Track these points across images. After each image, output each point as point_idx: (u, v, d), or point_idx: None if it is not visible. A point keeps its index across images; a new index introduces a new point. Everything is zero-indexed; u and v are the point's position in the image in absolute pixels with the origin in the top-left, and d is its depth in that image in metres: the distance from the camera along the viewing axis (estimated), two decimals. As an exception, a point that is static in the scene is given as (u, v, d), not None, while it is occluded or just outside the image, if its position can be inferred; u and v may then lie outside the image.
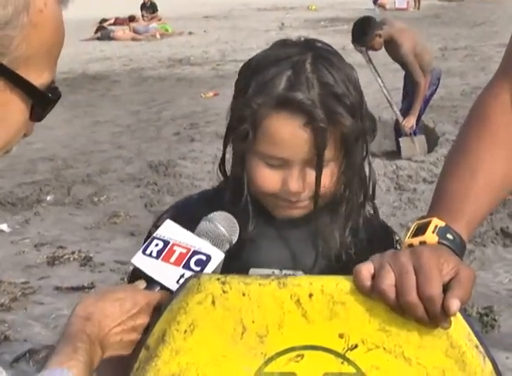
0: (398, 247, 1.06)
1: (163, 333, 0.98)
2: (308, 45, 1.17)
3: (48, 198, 5.74)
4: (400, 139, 6.41)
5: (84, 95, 10.62)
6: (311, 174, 1.15)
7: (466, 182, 1.10)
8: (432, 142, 6.68)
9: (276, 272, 1.21)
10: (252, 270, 1.22)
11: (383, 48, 6.21)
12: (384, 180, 5.80)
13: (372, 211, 1.29)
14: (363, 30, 6.05)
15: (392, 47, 6.10)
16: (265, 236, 1.23)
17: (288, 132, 1.11)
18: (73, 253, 4.60)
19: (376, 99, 6.75)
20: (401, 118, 6.28)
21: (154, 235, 1.13)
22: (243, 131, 1.15)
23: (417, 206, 5.20)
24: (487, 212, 1.14)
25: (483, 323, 3.52)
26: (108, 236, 4.94)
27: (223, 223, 1.16)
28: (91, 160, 6.87)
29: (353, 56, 6.48)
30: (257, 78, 1.13)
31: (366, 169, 1.24)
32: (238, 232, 1.18)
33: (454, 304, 0.91)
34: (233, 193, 1.22)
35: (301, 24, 18.60)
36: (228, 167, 1.26)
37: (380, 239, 1.26)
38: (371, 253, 1.01)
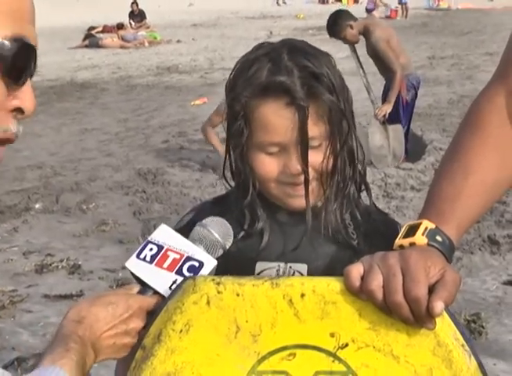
0: None
1: (159, 332, 1.00)
2: (283, 42, 1.28)
3: (37, 206, 5.74)
4: (369, 126, 6.33)
5: (72, 103, 10.63)
6: (310, 154, 1.21)
7: (458, 185, 1.12)
8: (420, 150, 6.73)
9: (282, 265, 1.27)
10: (259, 264, 1.27)
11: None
12: (373, 188, 5.82)
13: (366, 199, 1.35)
14: (334, 21, 6.11)
15: (366, 38, 6.13)
16: (271, 231, 1.28)
17: (274, 115, 1.20)
18: (61, 261, 4.60)
19: (365, 107, 6.79)
20: (375, 106, 6.28)
21: (149, 239, 1.15)
22: (238, 127, 1.23)
23: (405, 214, 5.23)
24: (478, 215, 1.16)
25: (471, 330, 3.52)
26: (96, 243, 4.94)
27: (217, 229, 1.18)
28: (79, 168, 6.88)
29: (343, 64, 6.53)
30: (241, 77, 1.24)
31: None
32: (232, 237, 1.21)
33: (438, 306, 0.94)
34: (240, 191, 1.29)
35: (290, 33, 18.68)
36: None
37: (381, 230, 1.31)
38: (375, 244, 1.05)
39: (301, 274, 1.27)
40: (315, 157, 1.22)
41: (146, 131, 8.58)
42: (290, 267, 1.27)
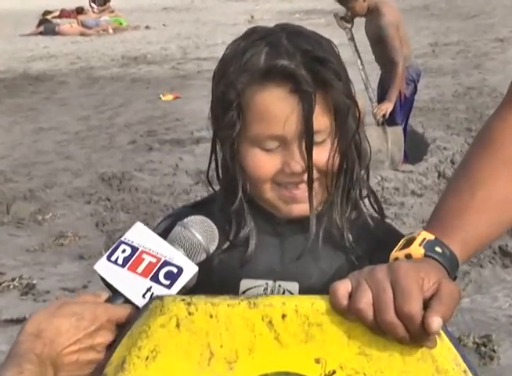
0: None
1: (122, 360, 1.00)
2: (280, 25, 1.26)
3: (-16, 217, 5.72)
4: (366, 127, 6.36)
5: (25, 99, 10.58)
6: (313, 152, 1.20)
7: (465, 200, 1.16)
8: (421, 149, 6.75)
9: (270, 283, 1.27)
10: (244, 282, 1.27)
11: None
12: (368, 193, 5.84)
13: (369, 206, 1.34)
14: None
15: (374, 17, 6.12)
16: (260, 242, 1.28)
17: (276, 103, 1.18)
18: (13, 280, 4.58)
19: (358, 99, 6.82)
20: (374, 105, 6.29)
21: (122, 239, 1.14)
22: (230, 118, 1.21)
23: (405, 222, 5.24)
24: (489, 233, 1.19)
25: (480, 355, 3.52)
26: (54, 259, 4.92)
27: (200, 230, 1.17)
28: (33, 173, 6.85)
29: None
30: (235, 63, 1.21)
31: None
32: (217, 240, 1.20)
33: (435, 321, 0.95)
34: (228, 194, 1.27)
35: (274, 17, 18.71)
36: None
37: (386, 242, 1.29)
38: (378, 258, 1.07)
39: (292, 294, 1.26)
40: (319, 155, 1.21)
41: (110, 130, 8.56)
42: (280, 286, 1.27)
